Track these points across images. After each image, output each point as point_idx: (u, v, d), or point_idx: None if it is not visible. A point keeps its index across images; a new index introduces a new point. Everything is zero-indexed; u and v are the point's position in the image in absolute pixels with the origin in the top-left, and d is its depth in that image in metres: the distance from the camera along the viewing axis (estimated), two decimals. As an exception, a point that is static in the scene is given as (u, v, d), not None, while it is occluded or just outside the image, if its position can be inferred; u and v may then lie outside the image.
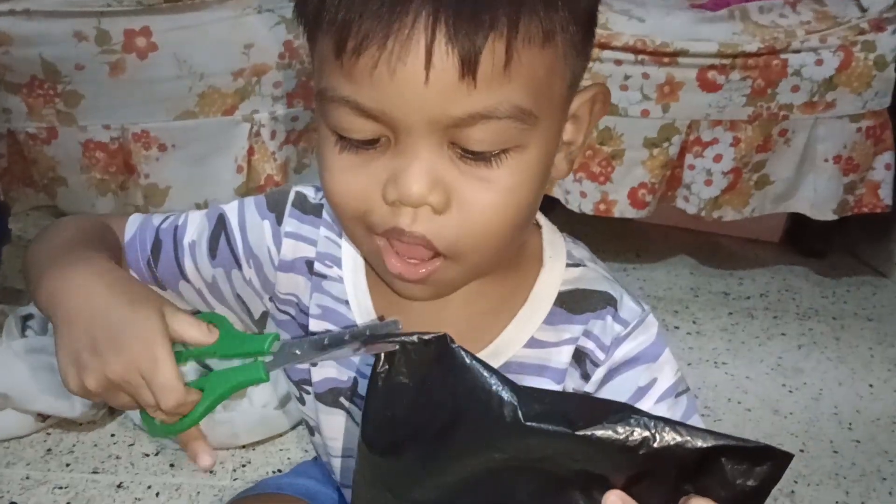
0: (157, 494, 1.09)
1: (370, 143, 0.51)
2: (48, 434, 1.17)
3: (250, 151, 1.60)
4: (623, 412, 0.47)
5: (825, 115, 1.52)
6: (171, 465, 1.14)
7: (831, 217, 1.61)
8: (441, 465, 0.51)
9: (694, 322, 1.60)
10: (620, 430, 0.46)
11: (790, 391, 1.41)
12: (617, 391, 0.62)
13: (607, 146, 1.55)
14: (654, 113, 1.52)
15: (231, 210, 0.67)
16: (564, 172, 0.58)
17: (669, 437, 0.46)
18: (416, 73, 0.47)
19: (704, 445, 0.45)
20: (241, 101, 1.56)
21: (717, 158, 1.55)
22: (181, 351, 0.55)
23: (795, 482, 1.20)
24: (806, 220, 1.67)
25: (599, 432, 0.46)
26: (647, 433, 0.46)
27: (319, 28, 0.50)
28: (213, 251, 0.66)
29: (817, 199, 1.60)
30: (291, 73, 1.57)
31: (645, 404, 0.62)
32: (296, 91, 1.59)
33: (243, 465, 1.16)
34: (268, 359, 0.55)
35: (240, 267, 0.66)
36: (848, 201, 1.60)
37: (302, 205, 0.66)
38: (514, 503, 0.51)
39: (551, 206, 1.67)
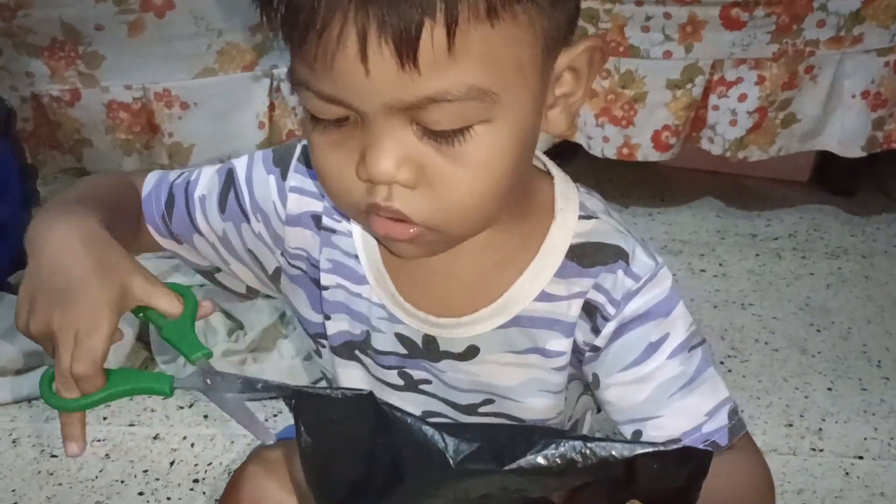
0: (193, 445, 1.12)
1: (340, 122, 0.51)
2: (85, 389, 1.20)
3: (271, 107, 1.60)
4: (546, 438, 0.48)
5: (852, 49, 1.49)
6: (205, 417, 1.17)
7: (859, 154, 1.58)
8: None
9: (720, 265, 1.59)
10: (542, 459, 0.47)
11: (818, 330, 1.40)
12: (628, 347, 0.62)
13: (629, 89, 1.53)
14: (677, 54, 1.49)
15: (240, 164, 0.67)
16: (564, 126, 0.56)
17: (593, 455, 0.47)
18: (354, 66, 0.46)
19: (628, 455, 0.47)
20: (259, 56, 1.56)
21: (742, 98, 1.53)
22: (140, 309, 0.56)
23: (823, 420, 1.20)
24: (834, 158, 1.64)
25: (525, 464, 0.48)
26: (571, 456, 0.47)
27: (272, 11, 0.50)
28: (222, 205, 0.67)
29: (845, 136, 1.57)
30: (309, 26, 1.56)
31: (657, 360, 0.61)
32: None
33: (274, 415, 1.18)
34: (181, 374, 0.56)
35: (248, 220, 0.66)
36: (876, 137, 1.57)
37: (308, 160, 0.66)
38: None
39: (574, 152, 1.66)
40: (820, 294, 1.50)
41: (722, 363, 1.31)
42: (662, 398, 0.62)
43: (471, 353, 0.64)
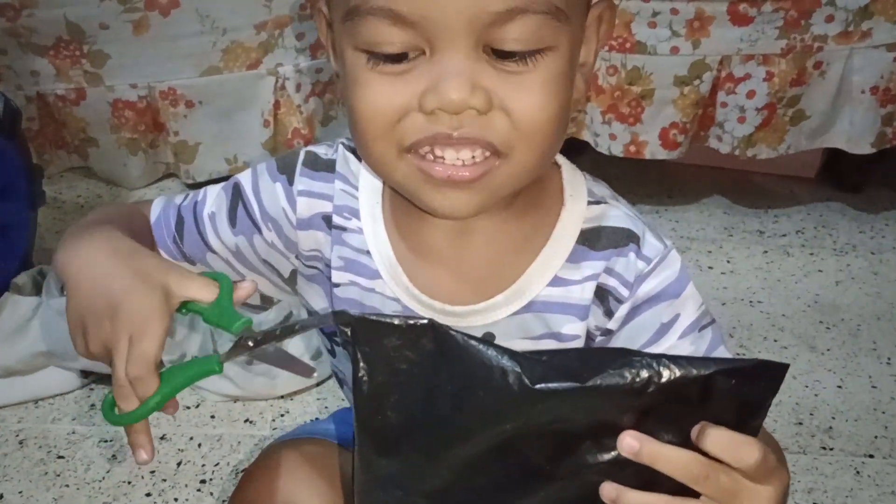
0: (199, 445, 1.12)
1: (402, 58, 0.51)
2: (91, 390, 1.20)
3: (276, 105, 1.60)
4: (625, 356, 0.48)
5: (861, 45, 1.48)
6: (212, 417, 1.17)
7: (869, 150, 1.57)
8: (448, 451, 0.51)
9: (728, 261, 1.58)
10: (626, 373, 0.47)
11: (827, 328, 1.39)
12: (640, 328, 0.62)
13: (636, 86, 1.52)
14: (684, 50, 1.48)
15: (245, 178, 0.68)
16: (582, 92, 0.58)
17: (672, 371, 0.47)
18: None
19: (706, 372, 0.47)
20: (264, 54, 1.56)
21: (751, 94, 1.52)
22: (182, 305, 0.57)
23: (833, 418, 1.19)
24: (843, 155, 1.63)
25: (608, 380, 0.47)
26: (651, 372, 0.47)
27: None
28: (232, 220, 0.67)
29: (854, 132, 1.56)
30: (313, 24, 1.56)
31: (669, 340, 0.62)
32: (319, 42, 1.58)
33: (282, 415, 1.18)
34: (226, 348, 0.56)
35: (260, 231, 0.67)
36: (886, 134, 1.56)
37: (313, 163, 0.66)
38: (529, 469, 0.51)
39: (580, 150, 1.66)
40: (829, 291, 1.49)
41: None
42: None
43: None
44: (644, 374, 0.47)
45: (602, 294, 0.62)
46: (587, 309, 0.63)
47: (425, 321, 0.50)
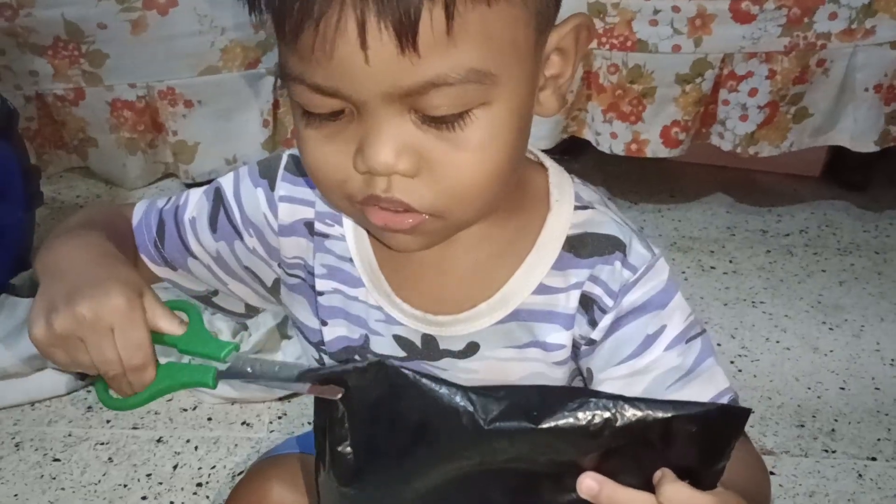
0: (196, 448, 1.11)
1: (335, 115, 0.50)
2: (88, 392, 1.20)
3: (275, 105, 1.59)
4: (581, 397, 0.47)
5: (864, 42, 1.46)
6: (209, 419, 1.16)
7: (872, 148, 1.55)
8: (410, 483, 0.51)
9: (730, 261, 1.57)
10: (581, 415, 0.46)
11: (830, 328, 1.38)
12: (625, 339, 0.61)
13: (637, 84, 1.51)
14: (686, 48, 1.47)
15: (227, 182, 0.67)
16: (556, 108, 0.56)
17: (630, 415, 0.46)
18: (354, 54, 0.45)
19: (665, 416, 0.46)
20: (263, 53, 1.55)
21: (753, 92, 1.51)
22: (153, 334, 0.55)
23: (836, 420, 1.18)
24: (846, 153, 1.62)
25: (562, 422, 0.47)
26: (607, 414, 0.46)
27: (262, 3, 0.49)
28: (213, 225, 0.66)
29: (857, 130, 1.55)
30: (313, 23, 1.55)
31: (654, 352, 0.60)
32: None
33: (279, 417, 1.17)
34: (221, 366, 0.55)
35: (241, 237, 0.65)
36: (889, 132, 1.54)
37: (294, 168, 0.65)
38: None
39: (582, 149, 1.64)
40: (832, 291, 1.48)
41: (732, 362, 1.29)
42: (659, 390, 0.61)
43: (471, 349, 0.63)
44: (600, 416, 0.46)
45: (587, 303, 0.61)
46: (572, 318, 0.61)
47: (376, 361, 0.50)
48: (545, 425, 0.46)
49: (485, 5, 0.46)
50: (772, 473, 1.08)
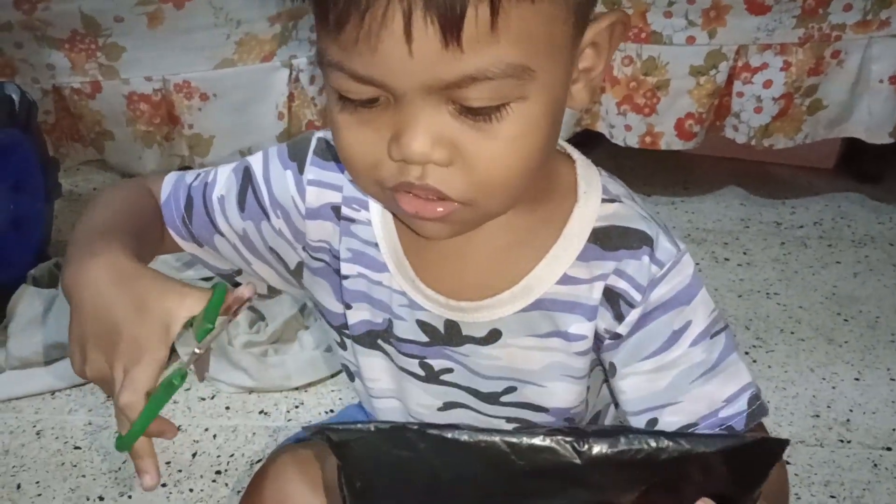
0: (214, 436, 1.12)
1: (371, 103, 0.50)
2: (108, 381, 1.21)
3: (290, 97, 1.60)
4: (619, 431, 0.47)
5: (879, 33, 1.46)
6: (227, 408, 1.17)
7: (887, 140, 1.55)
8: None
9: (745, 253, 1.57)
10: (624, 450, 0.47)
11: (845, 320, 1.38)
12: (652, 335, 0.61)
13: (652, 76, 1.51)
14: (700, 39, 1.47)
15: (256, 162, 0.67)
16: (587, 101, 0.56)
17: (672, 449, 0.47)
18: (398, 47, 0.46)
19: (706, 451, 0.46)
20: (278, 46, 1.56)
21: (767, 84, 1.51)
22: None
23: (851, 410, 1.18)
24: (861, 145, 1.62)
25: (605, 454, 0.47)
26: (650, 448, 0.46)
27: None
28: (241, 204, 0.66)
29: (872, 122, 1.54)
30: (328, 16, 1.55)
31: (680, 347, 0.61)
32: (333, 34, 1.58)
33: (296, 407, 1.18)
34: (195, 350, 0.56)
35: (268, 218, 0.66)
36: (905, 123, 1.54)
37: (324, 152, 0.66)
38: None
39: (596, 141, 1.65)
40: (847, 283, 1.48)
41: (747, 353, 1.29)
42: (683, 384, 0.62)
43: (493, 336, 0.63)
44: (644, 451, 0.47)
45: (612, 296, 0.61)
46: (595, 309, 0.61)
47: (399, 424, 0.49)
48: (586, 461, 0.47)
49: (529, 2, 0.47)
50: (787, 463, 1.09)
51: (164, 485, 1.05)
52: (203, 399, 1.19)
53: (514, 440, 0.48)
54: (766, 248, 1.59)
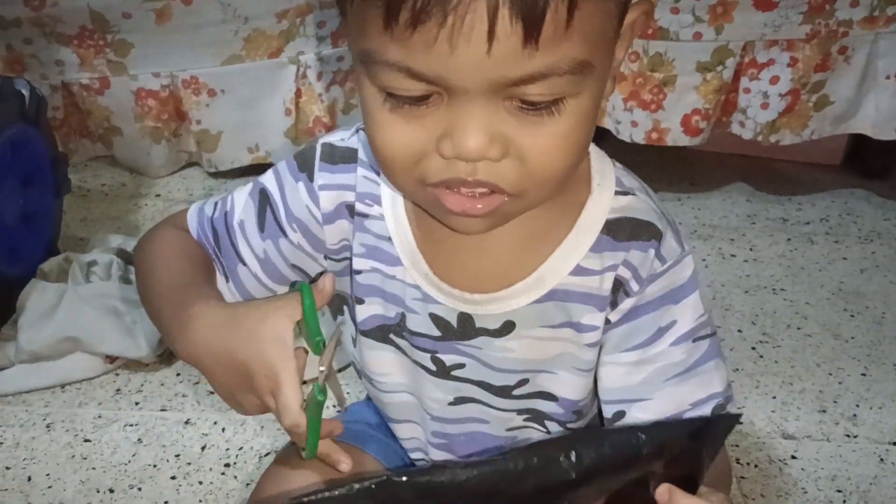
0: (223, 430, 1.13)
1: (420, 100, 0.50)
2: (117, 375, 1.21)
3: (298, 94, 1.60)
4: (605, 437, 0.49)
5: (887, 29, 1.46)
6: (236, 402, 1.18)
7: (894, 137, 1.55)
8: None
9: (751, 249, 1.57)
10: (608, 449, 0.49)
11: (852, 315, 1.38)
12: (639, 328, 0.63)
13: (658, 72, 1.51)
14: (707, 35, 1.47)
15: (269, 181, 0.68)
16: (611, 92, 0.57)
17: (648, 444, 0.49)
18: (479, 46, 0.46)
19: (677, 439, 0.49)
20: (286, 42, 1.56)
21: (774, 80, 1.51)
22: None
23: (857, 406, 1.19)
24: (867, 141, 1.62)
25: (599, 460, 0.49)
26: (629, 444, 0.49)
27: None
28: (261, 225, 0.67)
29: (879, 118, 1.54)
30: (335, 13, 1.56)
31: (662, 344, 0.63)
32: (340, 30, 1.58)
33: (305, 400, 1.18)
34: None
35: (285, 234, 0.67)
36: (912, 120, 1.54)
37: (330, 156, 0.66)
38: None
39: (602, 137, 1.65)
40: (853, 279, 1.48)
41: (753, 349, 1.29)
42: (657, 382, 0.63)
43: (507, 328, 0.64)
44: (623, 447, 0.49)
45: (615, 285, 0.62)
46: (606, 300, 0.63)
47: (383, 478, 0.50)
48: (580, 475, 0.48)
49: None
50: (793, 458, 1.09)
51: (173, 477, 1.05)
52: (212, 393, 1.19)
53: (506, 466, 0.49)
54: (772, 244, 1.59)
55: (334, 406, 1.17)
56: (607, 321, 0.63)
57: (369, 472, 0.59)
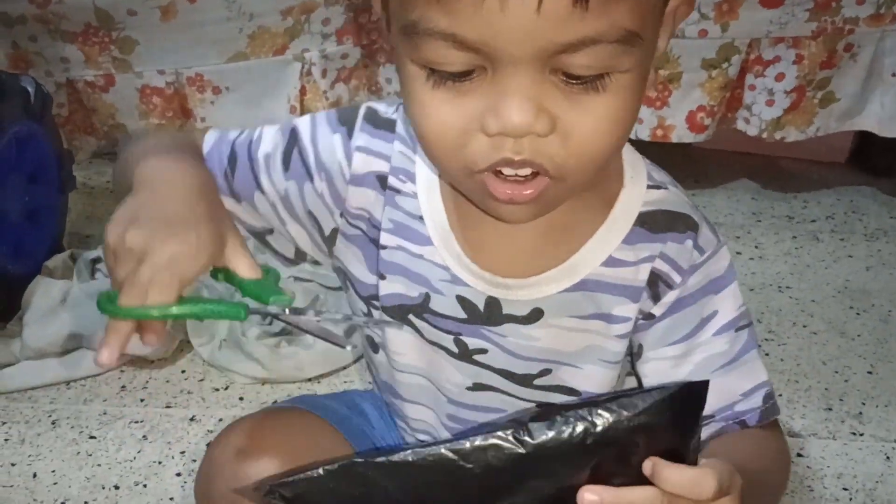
0: (229, 427, 1.13)
1: (465, 75, 0.49)
2: (122, 372, 1.22)
3: (302, 91, 1.60)
4: (553, 412, 0.49)
5: (892, 27, 1.46)
6: (241, 399, 1.18)
7: (900, 134, 1.55)
8: None
9: (756, 247, 1.57)
10: (562, 429, 0.48)
11: (857, 313, 1.38)
12: (682, 320, 0.63)
13: (663, 69, 1.51)
14: (713, 32, 1.47)
15: (303, 124, 0.66)
16: (653, 83, 0.57)
17: (606, 416, 0.48)
18: (528, 3, 0.45)
19: (637, 412, 0.48)
20: (290, 40, 1.56)
21: (779, 77, 1.50)
22: (218, 270, 0.56)
23: (863, 403, 1.18)
24: (873, 139, 1.61)
25: (545, 439, 0.48)
26: (585, 423, 0.48)
27: None
28: (286, 164, 0.66)
29: (885, 115, 1.54)
30: (339, 10, 1.56)
31: (705, 334, 0.63)
32: (345, 28, 1.58)
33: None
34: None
35: (311, 179, 0.65)
36: (918, 117, 1.54)
37: (373, 119, 0.65)
38: None
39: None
40: (859, 276, 1.48)
41: (759, 346, 1.28)
42: (703, 374, 0.63)
43: (535, 316, 0.64)
44: (580, 426, 0.48)
45: (652, 278, 0.62)
46: (640, 291, 0.62)
47: (345, 461, 0.50)
48: (531, 449, 0.48)
49: None
50: (799, 455, 1.09)
51: (178, 474, 1.06)
52: (217, 389, 1.19)
53: (457, 447, 0.49)
54: (777, 241, 1.59)
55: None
56: (650, 316, 0.63)
57: (340, 456, 0.57)
